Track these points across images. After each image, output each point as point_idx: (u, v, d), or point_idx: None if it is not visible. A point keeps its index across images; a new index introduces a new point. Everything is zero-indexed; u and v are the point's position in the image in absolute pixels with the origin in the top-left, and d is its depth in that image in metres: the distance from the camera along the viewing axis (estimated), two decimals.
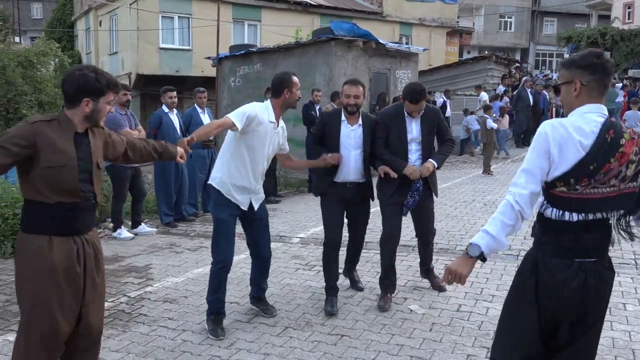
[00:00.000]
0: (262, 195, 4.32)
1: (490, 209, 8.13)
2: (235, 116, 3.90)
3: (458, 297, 4.77)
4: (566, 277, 2.29)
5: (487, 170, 11.53)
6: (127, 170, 7.04)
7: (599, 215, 2.29)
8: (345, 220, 4.71)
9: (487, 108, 12.57)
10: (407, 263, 5.73)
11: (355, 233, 4.84)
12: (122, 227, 7.20)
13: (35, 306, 2.75)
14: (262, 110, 4.05)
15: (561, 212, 2.31)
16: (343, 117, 4.54)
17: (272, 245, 6.51)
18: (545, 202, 2.37)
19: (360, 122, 4.56)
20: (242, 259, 5.88)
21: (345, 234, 4.70)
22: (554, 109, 15.89)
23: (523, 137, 15.51)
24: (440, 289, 4.90)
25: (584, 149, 2.23)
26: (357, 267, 5.19)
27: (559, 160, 2.25)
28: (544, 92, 15.70)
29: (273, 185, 9.58)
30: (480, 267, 5.50)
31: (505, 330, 2.47)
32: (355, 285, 5.03)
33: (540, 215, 2.40)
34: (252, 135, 4.00)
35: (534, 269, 2.36)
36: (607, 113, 2.34)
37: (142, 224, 7.44)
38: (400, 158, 4.53)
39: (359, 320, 4.32)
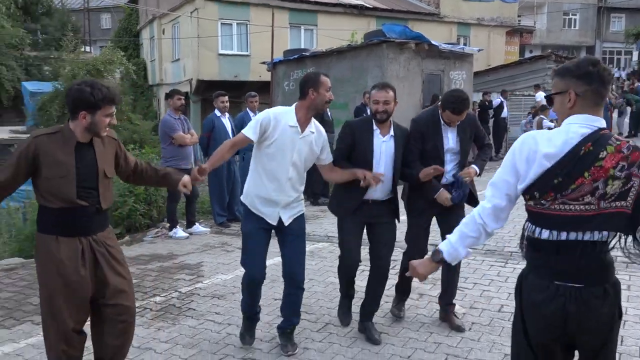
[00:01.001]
0: (299, 210, 3.83)
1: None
2: (248, 129, 3.64)
3: (500, 298, 4.76)
4: (542, 299, 2.12)
5: None
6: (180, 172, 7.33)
7: (572, 236, 2.08)
8: (365, 248, 4.17)
9: (543, 108, 12.30)
10: None
11: (381, 262, 4.12)
12: (178, 226, 7.51)
13: (47, 299, 3.00)
14: (282, 114, 3.68)
15: (533, 227, 2.17)
16: (375, 127, 3.99)
17: (320, 245, 6.75)
18: (527, 216, 2.23)
19: (391, 132, 4.02)
20: None
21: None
22: (613, 109, 15.37)
23: None
24: (459, 329, 4.15)
25: (549, 160, 2.08)
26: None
27: (525, 173, 2.14)
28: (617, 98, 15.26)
29: (322, 186, 9.70)
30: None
31: (511, 352, 2.36)
32: (372, 338, 4.03)
33: (523, 230, 2.26)
34: (271, 142, 3.63)
35: (518, 288, 2.26)
36: (598, 125, 2.12)
37: (197, 224, 7.73)
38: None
39: (398, 319, 4.39)
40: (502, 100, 15.68)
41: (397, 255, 6.27)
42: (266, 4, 21.79)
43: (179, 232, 7.45)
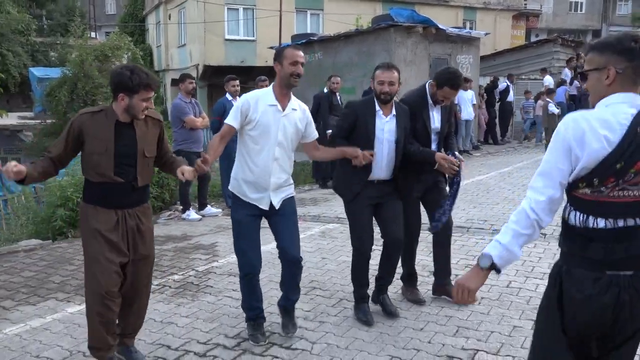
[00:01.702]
0: (289, 193, 3.80)
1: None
2: (230, 117, 3.63)
3: (509, 275, 4.90)
4: (596, 292, 2.00)
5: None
6: (192, 155, 7.45)
7: (631, 222, 1.99)
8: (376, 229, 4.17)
9: (549, 92, 12.37)
10: (460, 242, 5.87)
11: (394, 236, 4.07)
12: (190, 209, 7.67)
13: (88, 263, 3.26)
14: (260, 95, 3.65)
15: (585, 216, 2.03)
16: (377, 107, 3.99)
17: (330, 225, 6.90)
18: (568, 205, 2.10)
19: (393, 112, 4.03)
20: (301, 238, 6.19)
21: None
22: None
23: None
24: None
25: (609, 144, 1.95)
26: None
27: (581, 159, 1.98)
28: None
29: (330, 169, 9.83)
30: (534, 247, 5.60)
31: (536, 346, 2.24)
32: (388, 310, 4.17)
33: (563, 220, 2.13)
34: (254, 125, 3.58)
35: (557, 282, 2.10)
36: None
37: (208, 206, 7.89)
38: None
39: (421, 303, 4.52)
40: (509, 84, 15.72)
41: (426, 236, 6.44)
42: None
43: (192, 214, 7.61)
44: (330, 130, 9.46)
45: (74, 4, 36.50)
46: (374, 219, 4.13)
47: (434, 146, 4.30)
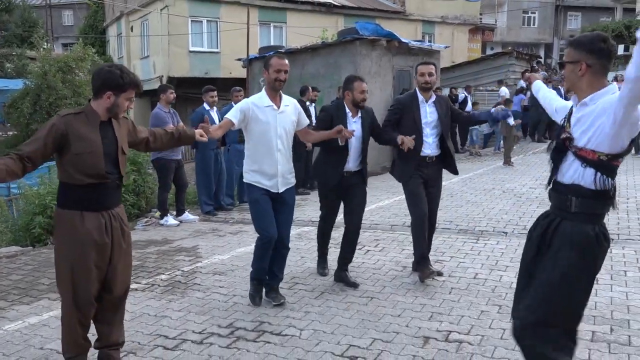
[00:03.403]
0: (292, 181, 4.53)
1: (508, 196, 8.63)
2: (230, 113, 4.31)
3: (475, 268, 5.32)
4: (608, 241, 2.67)
5: (507, 162, 11.99)
6: (171, 163, 7.73)
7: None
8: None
9: (507, 102, 13.01)
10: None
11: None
12: (168, 215, 7.89)
13: (68, 272, 3.22)
14: (257, 99, 4.37)
15: (610, 179, 2.61)
16: (347, 110, 4.84)
17: (305, 228, 7.24)
18: (601, 176, 2.58)
19: (359, 114, 4.88)
20: None
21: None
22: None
23: (538, 131, 15.82)
24: (438, 274, 5.08)
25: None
26: (383, 245, 5.75)
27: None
28: (560, 87, 15.99)
29: (304, 177, 10.21)
30: (497, 244, 6.06)
31: (572, 295, 2.65)
32: (350, 282, 4.97)
33: (592, 193, 2.61)
34: (256, 124, 4.29)
35: (596, 240, 2.61)
36: None
37: (186, 212, 8.12)
38: (417, 139, 4.81)
39: (386, 286, 4.91)
40: (467, 95, 16.38)
41: (397, 236, 6.82)
42: (236, 1, 22.14)
43: (170, 219, 7.84)
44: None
45: (30, 15, 36.01)
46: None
47: (431, 139, 4.96)
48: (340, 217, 5.14)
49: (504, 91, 16.07)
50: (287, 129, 4.41)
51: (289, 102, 4.48)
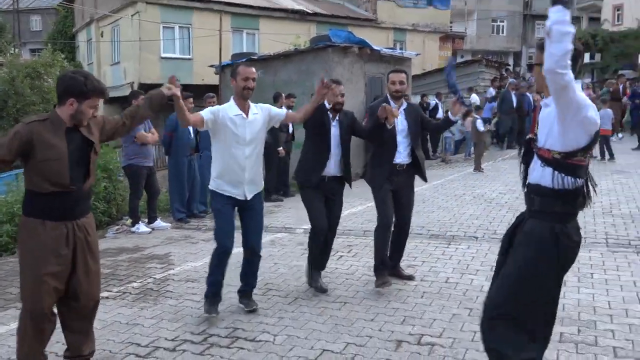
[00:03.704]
0: (260, 185, 4.50)
1: (478, 202, 8.76)
2: (203, 112, 4.27)
3: (446, 272, 5.39)
4: (579, 239, 2.74)
5: (478, 168, 12.16)
6: (143, 169, 7.67)
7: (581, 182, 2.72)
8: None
9: (477, 109, 13.21)
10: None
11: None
12: (140, 222, 7.82)
13: (28, 280, 3.18)
14: (226, 107, 4.31)
15: (573, 179, 2.67)
16: (330, 114, 4.89)
17: (279, 235, 7.24)
18: (559, 175, 2.66)
19: (338, 117, 4.93)
20: None
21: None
22: (538, 110, 16.49)
23: (509, 139, 16.10)
24: (410, 278, 5.18)
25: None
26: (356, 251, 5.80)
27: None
28: (528, 94, 16.29)
29: (277, 184, 10.23)
30: (468, 248, 6.15)
31: (528, 291, 2.72)
32: (321, 287, 5.02)
33: (550, 191, 2.69)
34: (224, 131, 4.24)
35: (554, 240, 2.66)
36: None
37: (158, 220, 8.05)
38: (390, 147, 4.90)
39: (359, 291, 4.95)
40: (438, 102, 16.59)
41: (370, 241, 6.85)
42: (209, 8, 22.07)
43: (142, 227, 7.77)
44: (281, 148, 9.88)
45: None
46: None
47: (402, 147, 4.97)
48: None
49: (474, 98, 16.31)
50: (257, 136, 4.39)
51: (258, 110, 4.44)
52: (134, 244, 7.14)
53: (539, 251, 2.71)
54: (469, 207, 8.35)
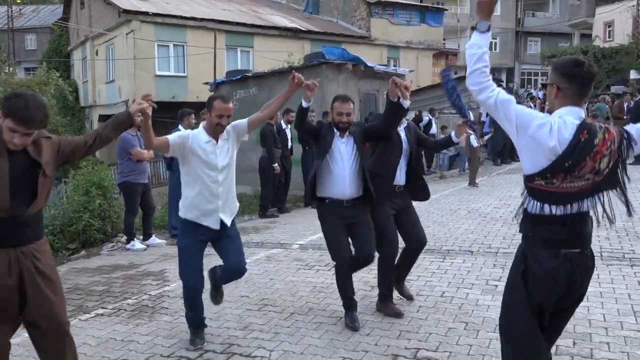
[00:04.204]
0: (233, 211, 4.23)
1: (473, 216, 8.79)
2: (171, 136, 4.01)
3: (442, 286, 5.39)
4: (554, 266, 2.51)
5: (472, 183, 12.21)
6: (138, 187, 7.67)
7: (575, 208, 2.51)
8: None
9: (470, 125, 13.29)
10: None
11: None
12: (135, 239, 7.80)
13: None
14: (196, 133, 4.06)
15: (540, 204, 2.54)
16: (335, 130, 4.46)
17: (274, 250, 7.24)
18: (527, 196, 2.60)
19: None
20: (247, 262, 6.51)
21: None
22: None
23: (501, 155, 16.20)
24: (410, 298, 4.97)
25: (561, 147, 2.46)
26: None
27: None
28: None
29: (274, 200, 10.28)
30: (463, 262, 6.16)
31: (508, 318, 2.71)
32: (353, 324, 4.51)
33: (524, 210, 2.65)
34: (193, 158, 4.00)
35: (522, 261, 2.61)
36: (583, 116, 2.54)
37: (153, 236, 8.04)
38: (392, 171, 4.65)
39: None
40: (431, 118, 16.69)
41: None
42: (203, 26, 22.25)
43: (137, 244, 7.75)
44: (276, 164, 9.92)
45: None
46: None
47: (402, 163, 4.70)
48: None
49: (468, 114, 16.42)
50: (228, 161, 4.13)
51: (227, 134, 4.12)
52: (129, 261, 7.12)
53: (511, 272, 2.71)
54: (464, 222, 8.37)
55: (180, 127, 8.03)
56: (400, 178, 4.74)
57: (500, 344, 2.79)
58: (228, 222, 4.13)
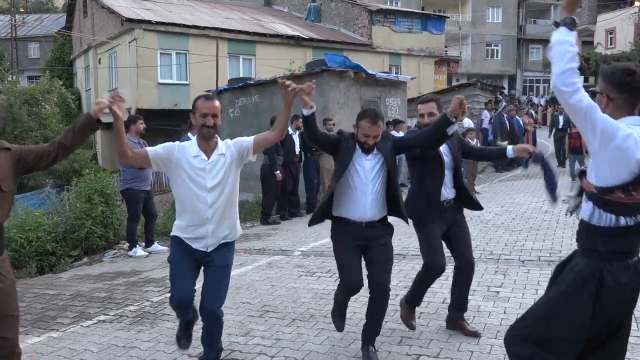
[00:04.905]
0: (228, 238, 3.71)
1: (475, 223, 8.78)
2: (153, 147, 3.66)
3: (443, 292, 5.39)
4: (630, 278, 2.44)
5: (471, 189, 12.22)
6: (140, 194, 7.70)
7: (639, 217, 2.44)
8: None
9: (468, 131, 13.32)
10: (398, 267, 6.36)
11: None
12: (137, 246, 7.82)
13: None
14: (186, 146, 3.60)
15: (615, 217, 2.43)
16: (357, 146, 3.92)
17: (276, 257, 7.24)
18: (597, 210, 2.47)
19: (375, 150, 3.94)
20: (249, 269, 6.54)
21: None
22: (530, 134, 16.76)
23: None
24: (475, 335, 4.30)
25: None
26: None
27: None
28: (517, 117, 16.50)
29: (277, 207, 10.31)
30: None
31: (557, 326, 2.58)
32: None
33: (589, 225, 2.52)
34: (179, 174, 3.56)
35: (592, 277, 2.46)
36: None
37: (155, 243, 8.06)
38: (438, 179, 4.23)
39: (356, 312, 4.93)
40: None
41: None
42: (205, 34, 22.34)
43: (139, 251, 7.78)
44: (278, 172, 9.92)
45: None
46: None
47: (448, 177, 4.25)
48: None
49: (467, 121, 16.45)
50: (223, 180, 3.59)
51: (225, 149, 3.63)
52: (131, 267, 7.14)
53: (575, 289, 2.54)
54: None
55: (189, 135, 8.06)
56: (448, 193, 4.26)
57: (519, 351, 2.70)
58: (209, 248, 3.64)
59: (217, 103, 3.62)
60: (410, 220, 4.21)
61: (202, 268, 3.75)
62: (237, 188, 3.75)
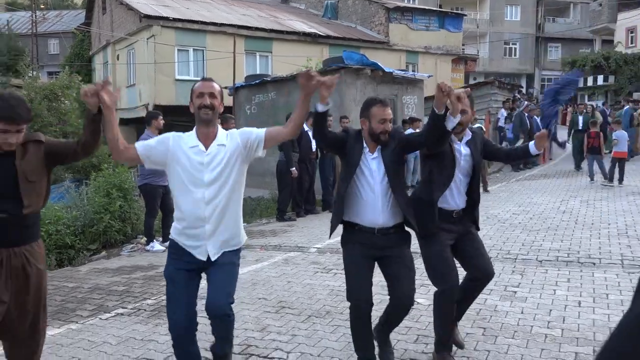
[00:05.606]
0: (231, 245, 3.34)
1: (492, 222, 8.75)
2: (145, 141, 3.42)
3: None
4: None
5: (484, 188, 12.13)
6: (158, 189, 7.76)
7: None
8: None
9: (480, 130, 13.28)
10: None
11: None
12: (154, 240, 7.89)
13: None
14: (183, 136, 3.31)
15: None
16: (364, 144, 3.59)
17: (292, 253, 7.26)
18: None
19: (378, 150, 3.59)
20: (265, 265, 6.57)
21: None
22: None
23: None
24: (461, 347, 4.00)
25: None
26: None
27: None
28: (536, 117, 16.36)
29: (292, 204, 10.33)
30: None
31: None
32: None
33: None
34: (175, 168, 3.23)
35: None
36: None
37: None
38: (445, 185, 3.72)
39: (374, 310, 4.94)
40: None
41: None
42: (223, 31, 22.43)
43: (156, 245, 7.84)
44: (294, 168, 9.93)
45: (16, 43, 36.14)
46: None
47: (461, 188, 3.79)
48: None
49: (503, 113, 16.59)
50: (223, 175, 3.23)
51: (227, 140, 3.30)
52: (148, 262, 7.20)
53: None
54: (482, 227, 8.25)
55: None
56: (457, 202, 3.79)
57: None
58: (213, 256, 3.27)
59: (215, 85, 3.32)
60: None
61: (205, 273, 3.37)
62: (241, 185, 3.38)
